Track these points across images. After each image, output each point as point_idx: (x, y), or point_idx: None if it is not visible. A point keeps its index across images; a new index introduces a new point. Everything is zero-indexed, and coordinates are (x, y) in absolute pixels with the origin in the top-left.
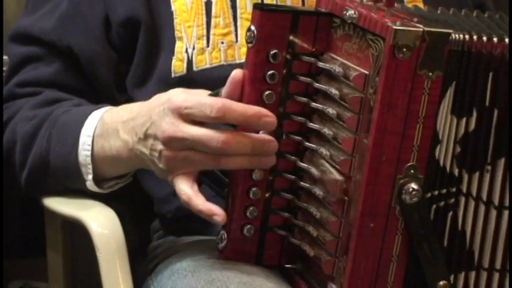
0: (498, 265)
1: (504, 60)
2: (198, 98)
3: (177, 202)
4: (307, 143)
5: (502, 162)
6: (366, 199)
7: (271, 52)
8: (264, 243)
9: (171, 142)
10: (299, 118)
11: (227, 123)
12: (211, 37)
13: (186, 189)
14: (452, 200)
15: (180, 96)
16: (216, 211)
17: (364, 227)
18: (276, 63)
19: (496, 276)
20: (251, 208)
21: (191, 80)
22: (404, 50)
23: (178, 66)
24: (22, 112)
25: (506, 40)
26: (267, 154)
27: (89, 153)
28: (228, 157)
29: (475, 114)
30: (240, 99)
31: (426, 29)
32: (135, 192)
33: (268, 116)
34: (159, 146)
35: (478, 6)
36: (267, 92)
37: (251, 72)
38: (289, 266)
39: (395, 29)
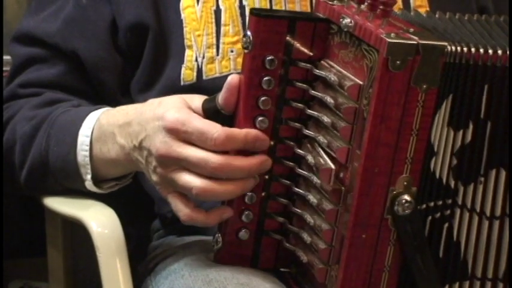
0: (490, 274)
1: (499, 72)
2: (197, 125)
3: None
4: (301, 150)
5: (493, 173)
6: (358, 210)
7: (268, 58)
8: (259, 246)
9: (164, 160)
10: (295, 124)
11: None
12: (220, 46)
13: (183, 209)
14: (448, 212)
15: (175, 114)
16: (221, 211)
17: (356, 238)
18: (272, 69)
19: (489, 285)
20: (246, 212)
21: (200, 88)
22: (398, 62)
23: (187, 74)
24: (22, 112)
25: (499, 52)
26: (261, 173)
27: (87, 153)
28: (218, 185)
29: (471, 126)
30: (236, 105)
31: (421, 41)
32: (135, 191)
33: (264, 140)
34: (153, 162)
35: (481, 9)
36: (262, 98)
37: (247, 78)
38: (284, 270)
39: (389, 42)
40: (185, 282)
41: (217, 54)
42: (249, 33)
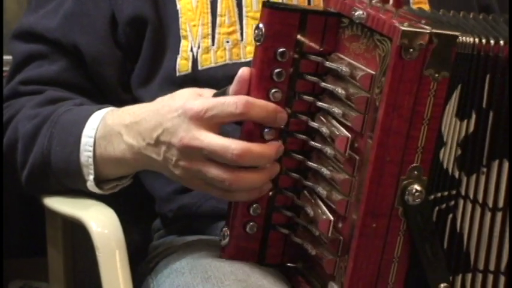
0: (492, 267)
1: (500, 62)
2: (216, 99)
3: (179, 201)
4: (312, 142)
5: (496, 164)
6: (369, 199)
7: (279, 50)
8: (266, 241)
9: (188, 151)
10: (305, 117)
11: (249, 119)
12: (216, 36)
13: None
14: (452, 203)
15: (196, 102)
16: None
17: (366, 227)
18: (284, 62)
19: (491, 278)
20: (254, 205)
21: (196, 78)
22: (411, 50)
23: (183, 65)
24: (24, 111)
25: (501, 42)
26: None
27: (91, 154)
28: (246, 174)
29: (474, 116)
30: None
31: (434, 30)
32: (136, 191)
33: (282, 112)
34: (175, 155)
35: (484, 8)
36: (273, 90)
37: (258, 70)
38: (290, 264)
39: (403, 30)
40: (185, 279)
41: (213, 45)
42: (261, 25)
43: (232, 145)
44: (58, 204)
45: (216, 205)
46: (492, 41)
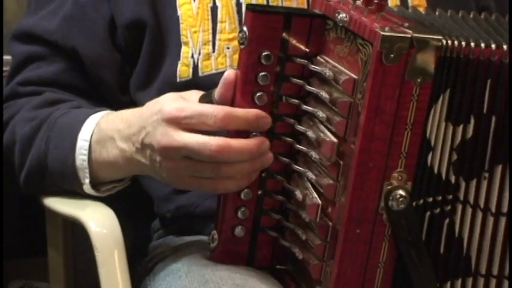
0: (495, 271)
1: (503, 67)
2: (196, 108)
3: (177, 201)
4: (298, 146)
5: (499, 169)
6: (352, 205)
7: (264, 53)
8: (255, 244)
9: (167, 152)
10: (291, 120)
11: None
12: (217, 42)
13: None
14: (449, 207)
15: (172, 105)
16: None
17: (350, 233)
18: (268, 65)
19: (493, 282)
20: (242, 209)
21: (196, 85)
22: (392, 55)
23: (184, 71)
24: (22, 113)
25: (505, 47)
26: (264, 155)
27: (86, 157)
28: (227, 165)
29: (472, 121)
30: (232, 101)
31: (415, 34)
32: (135, 191)
33: (265, 117)
34: (158, 157)
35: (482, 9)
36: (258, 94)
37: (243, 74)
38: (280, 267)
39: (383, 35)
40: (182, 283)
41: (213, 51)
42: (245, 28)
43: (210, 141)
44: (58, 204)
45: (214, 205)
46: (493, 46)
